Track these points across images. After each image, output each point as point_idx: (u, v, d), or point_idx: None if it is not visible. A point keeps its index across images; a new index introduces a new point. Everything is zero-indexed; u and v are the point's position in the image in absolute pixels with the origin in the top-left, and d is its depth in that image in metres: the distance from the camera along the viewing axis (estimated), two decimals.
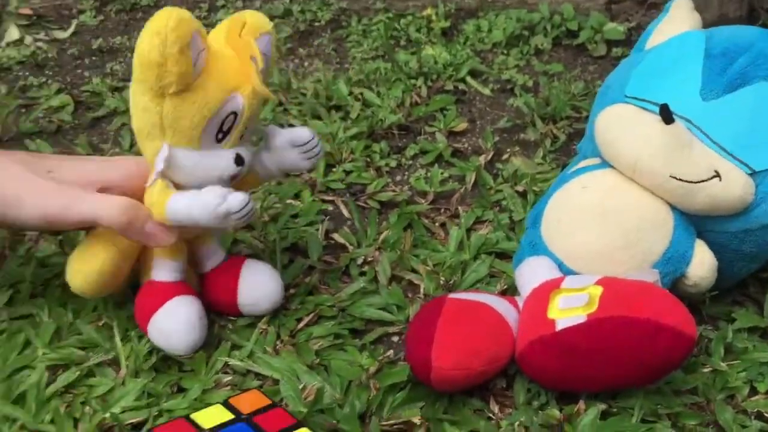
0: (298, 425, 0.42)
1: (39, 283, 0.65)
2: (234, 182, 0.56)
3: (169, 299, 0.56)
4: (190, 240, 0.59)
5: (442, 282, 0.64)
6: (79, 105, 0.99)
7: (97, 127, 0.94)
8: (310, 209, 0.75)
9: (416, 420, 0.50)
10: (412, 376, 0.53)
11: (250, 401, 0.45)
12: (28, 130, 0.92)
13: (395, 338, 0.60)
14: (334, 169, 0.83)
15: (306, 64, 1.11)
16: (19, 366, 0.56)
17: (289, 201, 0.77)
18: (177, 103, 0.51)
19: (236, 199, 0.52)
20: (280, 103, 0.97)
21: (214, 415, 0.43)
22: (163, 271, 0.58)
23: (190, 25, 0.49)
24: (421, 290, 0.64)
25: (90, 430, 0.50)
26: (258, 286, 0.60)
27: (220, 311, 0.61)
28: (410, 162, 0.85)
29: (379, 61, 1.08)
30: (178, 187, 0.54)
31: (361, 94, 0.98)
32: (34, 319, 0.60)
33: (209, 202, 0.52)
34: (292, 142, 0.58)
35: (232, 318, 0.61)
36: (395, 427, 0.51)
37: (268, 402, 0.45)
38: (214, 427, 0.42)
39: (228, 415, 0.43)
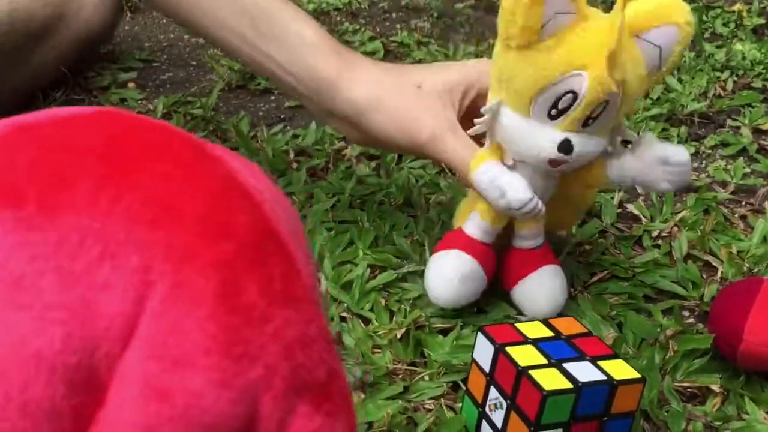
0: (615, 356, 0.45)
1: (356, 197, 0.73)
2: (560, 169, 0.52)
3: (451, 248, 0.57)
4: (517, 221, 0.57)
5: (744, 269, 0.63)
6: (388, 53, 1.08)
7: None
8: None
9: (715, 387, 0.51)
10: (712, 347, 0.53)
11: (567, 325, 0.48)
12: None
13: (686, 313, 0.60)
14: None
15: None
16: (345, 260, 0.64)
17: None
18: (517, 59, 0.49)
19: (515, 197, 0.51)
20: None
21: (534, 328, 0.47)
22: (473, 225, 0.57)
23: None
24: (719, 273, 0.64)
25: (404, 323, 0.56)
26: (534, 291, 0.57)
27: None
28: (709, 151, 0.84)
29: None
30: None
31: (663, 77, 0.96)
32: (357, 224, 0.68)
33: (491, 192, 0.52)
34: (665, 159, 0.51)
35: None
36: (689, 390, 0.52)
37: (584, 330, 0.48)
38: (537, 339, 0.46)
39: (548, 332, 0.47)
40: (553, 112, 0.49)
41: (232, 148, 0.82)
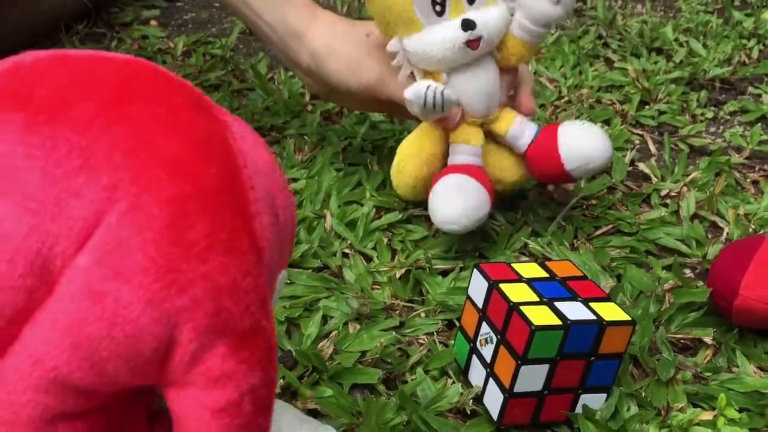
0: (608, 299, 0.45)
1: (368, 141, 0.74)
2: (483, 49, 0.54)
3: (447, 174, 0.57)
4: (493, 126, 0.59)
5: (750, 231, 0.63)
6: None
7: None
8: (619, 136, 0.76)
9: (708, 340, 0.51)
10: (709, 302, 0.53)
11: (563, 268, 0.48)
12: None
13: (687, 270, 0.60)
14: (647, 107, 0.83)
15: (630, 5, 1.10)
16: (352, 200, 0.65)
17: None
18: None
19: (414, 90, 0.54)
20: (600, 37, 0.98)
21: (530, 269, 0.48)
22: (459, 155, 0.59)
23: None
24: (724, 234, 0.63)
25: (405, 263, 0.57)
26: (580, 147, 0.56)
27: (552, 180, 0.62)
28: (728, 117, 0.83)
29: (710, 16, 1.04)
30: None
31: (687, 42, 0.95)
32: (367, 167, 0.69)
33: (406, 96, 0.55)
34: None
35: (534, 207, 0.65)
36: (682, 341, 0.52)
37: (580, 273, 0.48)
38: (531, 279, 0.47)
39: (543, 273, 0.48)
40: (437, 8, 0.53)
41: (249, 89, 0.83)
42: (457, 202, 0.55)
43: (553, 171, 0.58)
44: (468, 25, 0.53)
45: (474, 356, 0.47)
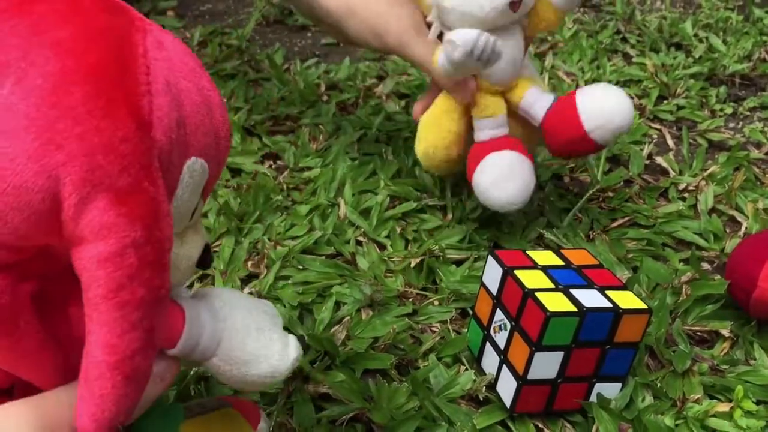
0: (624, 288, 0.45)
1: (383, 132, 0.73)
2: (521, 12, 0.52)
3: (487, 154, 0.55)
4: (509, 95, 0.57)
5: None
6: None
7: None
8: (637, 130, 0.76)
9: (725, 332, 0.50)
10: (726, 295, 0.53)
11: (579, 256, 0.48)
12: None
13: (705, 264, 0.60)
14: (665, 101, 0.82)
15: (649, 1, 1.09)
16: (366, 188, 0.65)
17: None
18: None
19: (464, 39, 0.49)
20: (619, 32, 0.97)
21: (546, 257, 0.47)
22: (484, 130, 0.57)
23: None
24: (743, 228, 0.63)
25: (418, 252, 0.57)
26: (601, 107, 0.53)
27: (573, 150, 0.55)
28: (747, 113, 0.82)
29: (730, 12, 1.03)
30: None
31: (707, 38, 0.94)
32: (381, 156, 0.68)
33: (446, 53, 0.51)
34: None
35: (550, 197, 0.64)
36: (699, 333, 0.52)
37: (596, 262, 0.48)
38: (547, 266, 0.46)
39: (559, 261, 0.47)
40: None
41: (264, 79, 0.83)
42: (515, 182, 0.54)
43: (572, 135, 0.54)
44: None
45: (487, 343, 0.47)
